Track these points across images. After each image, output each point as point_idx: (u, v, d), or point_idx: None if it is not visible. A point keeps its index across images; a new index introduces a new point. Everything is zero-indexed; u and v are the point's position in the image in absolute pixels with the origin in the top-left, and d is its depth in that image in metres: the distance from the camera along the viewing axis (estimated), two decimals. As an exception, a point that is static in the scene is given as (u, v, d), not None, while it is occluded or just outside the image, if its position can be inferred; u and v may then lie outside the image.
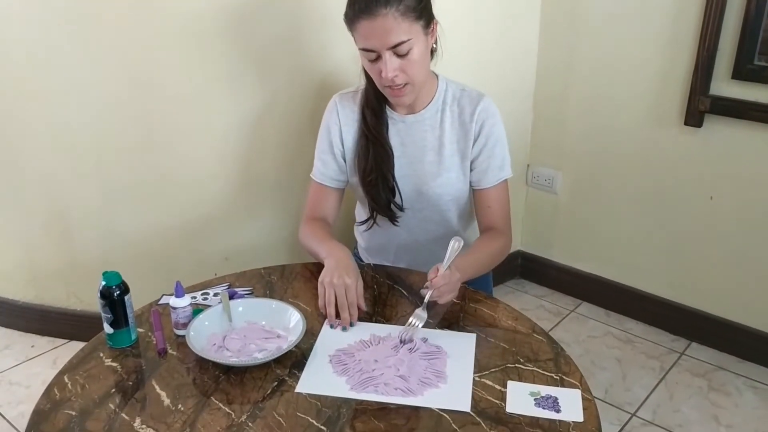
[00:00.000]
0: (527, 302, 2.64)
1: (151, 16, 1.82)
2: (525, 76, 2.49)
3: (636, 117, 2.28)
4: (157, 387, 1.16)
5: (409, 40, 1.39)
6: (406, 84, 1.45)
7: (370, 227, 1.67)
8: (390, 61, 1.40)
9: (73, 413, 1.10)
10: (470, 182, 1.61)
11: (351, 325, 1.33)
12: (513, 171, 1.63)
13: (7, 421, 1.97)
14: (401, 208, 1.62)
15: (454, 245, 1.35)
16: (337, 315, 1.34)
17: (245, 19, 1.87)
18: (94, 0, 1.80)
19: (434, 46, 1.51)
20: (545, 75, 2.48)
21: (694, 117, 2.11)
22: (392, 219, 1.63)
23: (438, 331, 1.31)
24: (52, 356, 2.25)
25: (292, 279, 1.51)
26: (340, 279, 1.35)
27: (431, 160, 1.58)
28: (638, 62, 2.22)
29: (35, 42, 1.89)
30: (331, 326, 1.33)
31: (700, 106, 2.08)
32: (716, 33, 1.99)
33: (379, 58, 1.41)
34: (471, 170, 1.60)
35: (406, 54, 1.41)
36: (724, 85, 2.05)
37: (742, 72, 1.99)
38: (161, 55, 1.87)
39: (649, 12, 2.15)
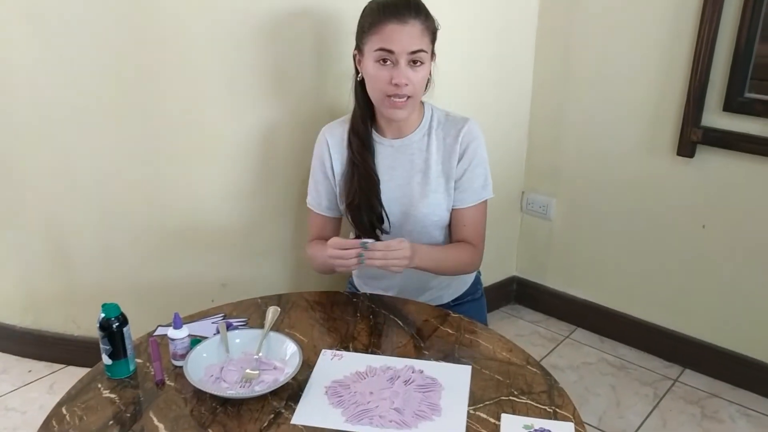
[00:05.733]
0: (522, 328, 2.65)
1: (154, 31, 1.83)
2: (520, 105, 2.53)
3: (630, 146, 2.31)
4: (154, 419, 1.17)
5: (426, 52, 1.50)
6: (409, 97, 1.52)
7: None
8: (405, 68, 1.49)
9: (72, 445, 1.11)
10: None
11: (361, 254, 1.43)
12: (507, 197, 1.67)
13: (3, 447, 1.97)
14: (385, 231, 1.66)
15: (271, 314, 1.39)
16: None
17: (264, 32, 1.86)
18: (105, 15, 1.82)
19: (429, 77, 1.58)
20: (540, 103, 2.52)
21: (686, 147, 2.14)
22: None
23: (433, 362, 1.33)
24: (49, 381, 2.25)
25: (289, 309, 1.52)
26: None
27: (418, 182, 1.63)
28: (632, 93, 2.26)
29: (35, 62, 1.90)
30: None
31: (692, 136, 2.11)
32: (707, 66, 2.03)
33: (392, 63, 1.49)
34: (455, 190, 1.64)
35: (418, 65, 1.50)
36: (715, 117, 2.08)
37: (732, 104, 2.03)
38: (165, 76, 1.87)
39: (642, 44, 2.19)
